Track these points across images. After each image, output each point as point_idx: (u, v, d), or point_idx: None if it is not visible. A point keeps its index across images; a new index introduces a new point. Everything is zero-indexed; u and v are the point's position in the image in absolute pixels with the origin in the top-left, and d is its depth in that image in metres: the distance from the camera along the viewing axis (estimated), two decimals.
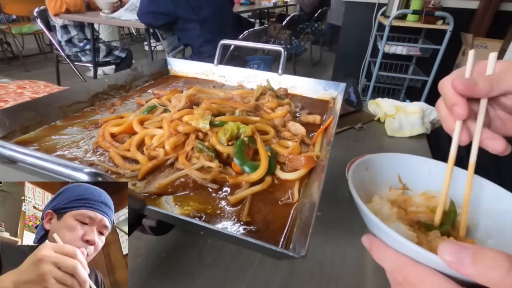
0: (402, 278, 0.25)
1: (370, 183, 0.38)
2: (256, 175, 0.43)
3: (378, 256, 0.28)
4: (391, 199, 0.37)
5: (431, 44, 2.28)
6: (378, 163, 0.39)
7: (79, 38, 2.46)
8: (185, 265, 0.47)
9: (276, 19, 4.35)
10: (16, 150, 0.30)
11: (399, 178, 0.40)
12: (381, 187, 0.39)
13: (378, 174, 0.39)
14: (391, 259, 0.26)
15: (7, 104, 1.02)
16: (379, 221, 0.27)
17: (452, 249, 0.22)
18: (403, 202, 0.38)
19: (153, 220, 0.37)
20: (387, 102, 0.98)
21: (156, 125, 0.52)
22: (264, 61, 2.23)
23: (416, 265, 0.24)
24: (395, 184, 0.40)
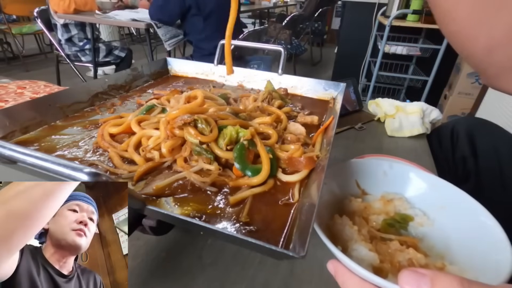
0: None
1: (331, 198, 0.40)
2: (258, 179, 0.43)
3: (343, 282, 0.29)
4: (351, 211, 0.39)
5: (431, 44, 2.28)
6: (335, 174, 0.41)
7: (79, 37, 2.45)
8: (185, 265, 0.47)
9: (276, 19, 4.35)
10: (16, 150, 0.30)
11: (357, 184, 0.42)
12: (342, 199, 0.41)
13: (337, 185, 0.41)
14: (355, 286, 0.27)
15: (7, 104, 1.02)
16: (342, 254, 0.29)
17: (411, 278, 0.23)
18: (364, 210, 0.39)
19: (153, 220, 0.37)
20: (387, 102, 0.98)
21: (154, 126, 0.52)
22: (264, 61, 2.23)
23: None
24: (356, 191, 0.42)
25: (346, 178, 0.41)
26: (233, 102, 0.68)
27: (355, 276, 0.28)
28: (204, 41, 1.96)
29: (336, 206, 0.40)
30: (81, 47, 2.46)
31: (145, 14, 2.10)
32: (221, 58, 0.87)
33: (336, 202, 0.40)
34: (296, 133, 0.58)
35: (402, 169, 0.42)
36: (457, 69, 2.48)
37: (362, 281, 0.27)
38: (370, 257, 0.31)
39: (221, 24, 1.97)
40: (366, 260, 0.29)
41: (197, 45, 2.02)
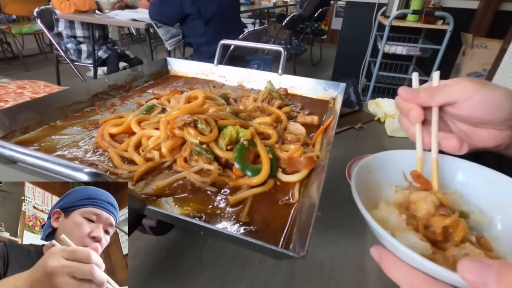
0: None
1: (375, 186, 0.36)
2: (258, 179, 0.43)
3: (389, 270, 0.26)
4: (398, 203, 0.35)
5: (431, 44, 2.28)
6: (381, 163, 0.37)
7: (67, 34, 2.43)
8: (185, 265, 0.47)
9: (276, 19, 4.35)
10: (16, 150, 0.30)
11: (404, 176, 0.38)
12: (387, 189, 0.37)
13: (383, 175, 0.37)
14: (404, 275, 0.25)
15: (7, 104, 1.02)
16: (390, 236, 0.25)
17: (474, 268, 0.20)
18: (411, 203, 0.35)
19: (153, 220, 0.37)
20: (387, 102, 0.98)
21: (154, 126, 0.52)
22: (264, 61, 2.23)
23: (433, 283, 0.23)
24: (401, 183, 0.38)
25: (391, 169, 0.38)
26: (233, 102, 0.68)
27: (402, 263, 0.25)
28: (205, 45, 1.95)
29: (379, 196, 0.36)
30: (64, 43, 2.44)
31: (145, 14, 2.10)
32: (221, 58, 0.87)
33: (379, 192, 0.37)
34: (296, 133, 0.58)
35: (455, 162, 0.38)
36: (457, 69, 2.48)
37: (411, 268, 0.24)
38: (421, 246, 0.28)
39: (222, 28, 1.97)
40: (416, 248, 0.26)
41: (197, 48, 2.01)
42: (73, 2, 2.20)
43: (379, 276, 0.46)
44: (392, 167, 0.38)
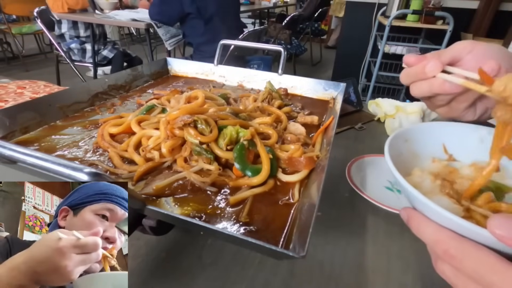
0: (443, 251, 0.24)
1: (409, 156, 0.35)
2: (258, 179, 0.43)
3: (417, 228, 0.26)
4: (434, 172, 0.33)
5: (431, 44, 2.28)
6: (420, 133, 0.36)
7: (70, 35, 2.44)
8: (185, 265, 0.47)
9: (276, 19, 4.35)
10: (16, 150, 0.30)
11: (445, 149, 0.36)
12: (423, 160, 0.35)
13: (420, 146, 0.36)
14: (431, 232, 0.25)
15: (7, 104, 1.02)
16: (419, 193, 0.25)
17: (504, 223, 0.20)
18: (449, 174, 0.33)
19: (153, 220, 0.37)
20: (387, 102, 0.98)
21: (154, 126, 0.52)
22: (264, 61, 2.23)
23: (458, 239, 0.23)
24: (440, 155, 0.36)
25: (431, 140, 0.36)
26: (233, 102, 0.68)
27: (431, 223, 0.25)
28: (205, 44, 1.95)
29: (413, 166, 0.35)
30: (68, 44, 2.45)
31: (145, 14, 2.10)
32: (221, 58, 0.87)
33: (414, 162, 0.35)
34: (296, 133, 0.58)
35: None
36: None
37: (439, 227, 0.24)
38: (453, 209, 0.27)
39: (222, 27, 1.97)
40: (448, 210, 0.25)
41: (197, 48, 2.01)
42: (65, 1, 2.20)
43: (379, 276, 0.46)
44: (432, 138, 0.36)
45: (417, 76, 0.37)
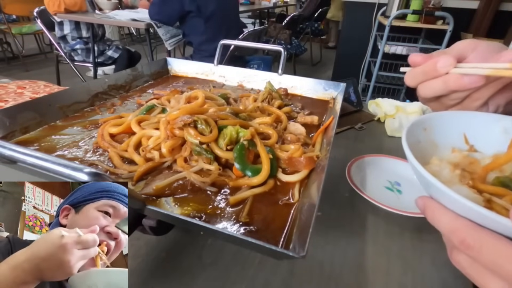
0: (459, 241, 0.23)
1: (428, 145, 0.34)
2: (258, 179, 0.43)
3: (433, 217, 0.25)
4: (453, 162, 0.32)
5: (431, 44, 2.28)
6: (440, 122, 0.34)
7: (73, 36, 2.44)
8: (185, 265, 0.47)
9: (276, 19, 4.35)
10: (16, 150, 0.30)
11: (465, 139, 0.34)
12: (442, 150, 0.34)
13: (439, 135, 0.34)
14: (447, 221, 0.24)
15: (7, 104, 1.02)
16: (437, 181, 0.24)
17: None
18: (470, 165, 0.32)
19: (153, 220, 0.37)
20: (387, 102, 0.98)
21: (154, 126, 0.52)
22: (264, 61, 2.23)
23: (476, 228, 0.22)
24: (460, 146, 0.34)
25: (451, 130, 0.35)
26: (233, 102, 0.68)
27: (448, 211, 0.24)
28: (205, 43, 1.95)
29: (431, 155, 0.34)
30: (72, 46, 2.45)
31: (145, 14, 2.10)
32: (221, 58, 0.87)
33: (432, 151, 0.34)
34: (296, 133, 0.58)
35: None
36: None
37: (457, 216, 0.24)
38: (472, 198, 0.26)
39: (222, 26, 1.97)
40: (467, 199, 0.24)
41: (198, 47, 2.01)
42: (62, 1, 2.20)
43: (379, 276, 0.46)
44: (452, 127, 0.35)
45: (426, 75, 0.36)
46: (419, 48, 2.33)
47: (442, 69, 0.34)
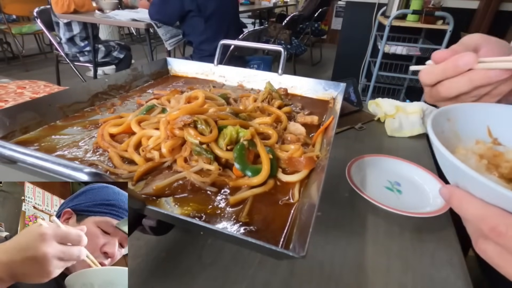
0: (489, 228, 0.22)
1: (451, 135, 0.33)
2: (258, 179, 0.43)
3: (459, 205, 0.25)
4: (478, 153, 0.31)
5: (431, 44, 2.28)
6: (463, 113, 0.34)
7: (81, 36, 2.45)
8: (185, 265, 0.47)
9: (276, 19, 4.35)
10: (16, 150, 0.30)
11: (489, 131, 0.34)
12: (465, 141, 0.34)
13: (462, 126, 0.34)
14: (476, 208, 0.23)
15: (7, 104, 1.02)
16: (467, 167, 0.23)
17: None
18: (493, 158, 0.31)
19: (153, 220, 0.37)
20: (387, 102, 0.98)
21: (154, 126, 0.52)
22: (264, 61, 2.23)
23: (507, 215, 0.22)
24: (483, 138, 0.34)
25: (475, 121, 0.34)
26: (233, 102, 0.68)
27: (476, 199, 0.24)
28: (205, 43, 1.95)
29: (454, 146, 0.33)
30: (81, 48, 2.46)
31: (145, 14, 2.10)
32: (221, 58, 0.87)
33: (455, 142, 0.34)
34: (296, 133, 0.58)
35: None
36: None
37: (486, 204, 0.23)
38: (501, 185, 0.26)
39: (222, 25, 1.97)
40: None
41: (197, 47, 2.01)
42: (72, 1, 2.20)
43: (379, 276, 0.46)
44: (475, 119, 0.34)
45: (446, 72, 0.35)
46: (419, 48, 2.33)
47: (465, 66, 0.33)
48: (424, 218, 0.55)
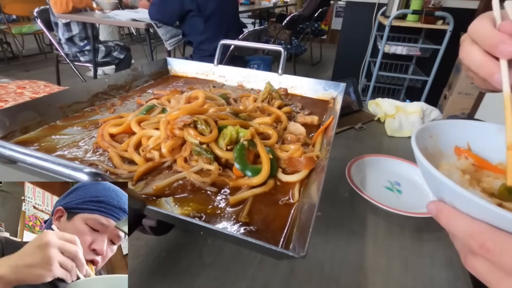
0: (478, 245, 0.22)
1: (434, 151, 0.34)
2: (258, 180, 0.43)
3: (447, 221, 0.25)
4: (461, 168, 0.32)
5: (431, 44, 2.28)
6: (445, 130, 0.35)
7: (80, 36, 2.44)
8: (185, 265, 0.47)
9: (276, 19, 4.35)
10: (16, 150, 0.30)
11: (469, 148, 0.35)
12: (448, 157, 0.34)
13: (444, 142, 0.35)
14: (465, 225, 0.23)
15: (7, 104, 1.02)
16: (453, 183, 0.23)
17: None
18: (475, 173, 0.32)
19: (153, 220, 0.37)
20: (387, 102, 0.98)
21: (154, 126, 0.52)
22: (264, 61, 2.23)
23: (496, 231, 0.22)
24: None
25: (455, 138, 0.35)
26: (233, 102, 0.68)
27: (464, 215, 0.24)
28: (205, 43, 1.95)
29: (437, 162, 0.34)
30: (81, 47, 2.46)
31: (145, 14, 2.10)
32: (221, 58, 0.87)
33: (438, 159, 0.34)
34: (296, 133, 0.58)
35: None
36: (457, 69, 2.48)
37: (473, 220, 0.23)
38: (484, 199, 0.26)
39: (222, 25, 1.97)
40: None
41: (197, 47, 2.01)
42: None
43: (379, 276, 0.46)
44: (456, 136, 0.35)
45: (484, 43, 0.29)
46: (419, 48, 2.33)
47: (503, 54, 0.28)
48: (424, 218, 0.55)
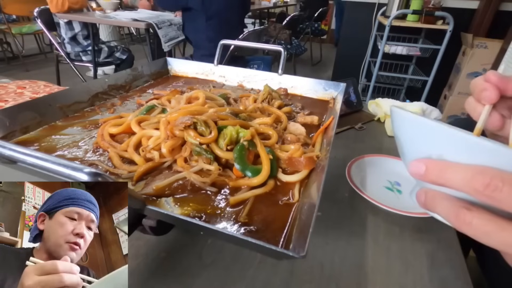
0: (484, 185, 0.20)
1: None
2: (258, 180, 0.43)
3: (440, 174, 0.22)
4: None
5: (431, 44, 2.28)
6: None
7: (83, 35, 2.44)
8: (185, 265, 0.47)
9: (276, 19, 4.35)
10: (16, 150, 0.30)
11: None
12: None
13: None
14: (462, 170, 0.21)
15: (7, 104, 1.02)
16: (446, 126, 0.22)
17: None
18: None
19: (153, 220, 0.37)
20: (387, 102, 0.98)
21: (154, 126, 0.52)
22: (264, 61, 2.23)
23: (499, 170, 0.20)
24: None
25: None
26: (233, 102, 0.68)
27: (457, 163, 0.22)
28: (205, 41, 1.95)
29: None
30: (84, 47, 2.45)
31: (145, 14, 2.10)
32: (221, 58, 0.87)
33: None
34: (296, 133, 0.58)
35: None
36: (457, 69, 2.48)
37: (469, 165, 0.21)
38: None
39: (224, 26, 1.96)
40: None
41: (197, 45, 2.01)
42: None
43: (379, 276, 0.46)
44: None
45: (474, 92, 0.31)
46: (419, 48, 2.33)
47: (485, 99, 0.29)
48: (424, 218, 0.55)
